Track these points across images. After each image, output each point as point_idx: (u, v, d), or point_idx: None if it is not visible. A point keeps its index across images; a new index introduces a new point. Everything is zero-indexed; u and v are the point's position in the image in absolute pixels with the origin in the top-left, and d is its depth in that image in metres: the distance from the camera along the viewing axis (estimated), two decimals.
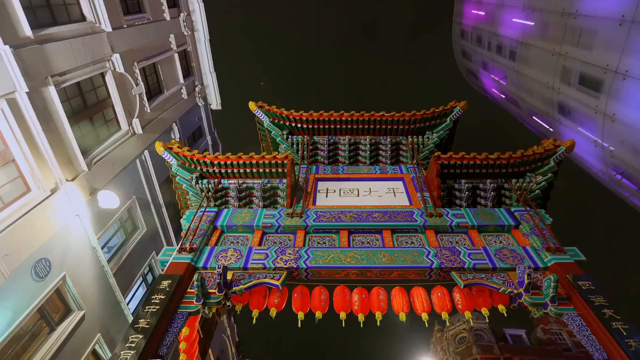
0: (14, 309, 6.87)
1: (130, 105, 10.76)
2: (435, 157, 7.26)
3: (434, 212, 6.92)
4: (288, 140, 9.04)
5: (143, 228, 11.26)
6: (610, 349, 4.66)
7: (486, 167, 7.36)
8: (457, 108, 8.90)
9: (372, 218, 6.81)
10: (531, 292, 5.45)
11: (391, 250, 6.14)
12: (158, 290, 5.35)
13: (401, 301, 5.88)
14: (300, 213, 6.93)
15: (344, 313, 5.75)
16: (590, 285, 5.39)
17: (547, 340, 20.68)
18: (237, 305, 5.82)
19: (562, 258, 5.93)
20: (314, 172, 8.47)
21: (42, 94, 7.59)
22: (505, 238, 6.72)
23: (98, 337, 9.13)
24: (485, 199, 7.39)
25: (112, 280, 9.59)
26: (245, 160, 7.23)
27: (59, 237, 7.95)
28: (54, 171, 7.77)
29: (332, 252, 6.11)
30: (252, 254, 6.14)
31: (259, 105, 9.05)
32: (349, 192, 7.80)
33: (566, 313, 5.25)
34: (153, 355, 4.76)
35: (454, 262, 5.90)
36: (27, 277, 7.17)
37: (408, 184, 7.98)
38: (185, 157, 7.36)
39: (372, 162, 8.92)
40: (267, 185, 7.38)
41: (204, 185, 7.44)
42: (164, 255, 6.36)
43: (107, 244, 9.95)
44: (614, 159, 14.34)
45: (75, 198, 8.24)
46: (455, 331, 22.33)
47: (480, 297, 6.06)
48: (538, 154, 7.32)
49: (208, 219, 6.91)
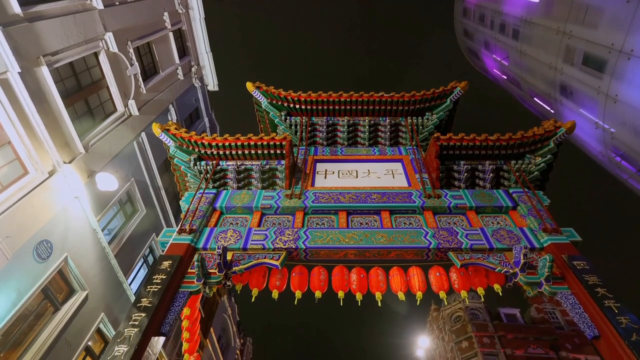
0: (18, 290, 6.97)
1: (126, 86, 10.62)
2: (435, 138, 7.23)
3: (433, 194, 6.94)
4: (286, 121, 8.97)
5: (142, 210, 11.30)
6: (602, 326, 4.77)
7: (485, 148, 7.34)
8: (457, 88, 8.79)
9: (370, 199, 6.83)
10: (526, 271, 5.53)
11: (389, 231, 6.19)
12: (159, 270, 5.42)
13: (399, 281, 5.97)
14: (299, 194, 6.94)
15: (342, 292, 5.84)
16: (584, 265, 5.47)
17: (541, 319, 21.17)
18: (237, 285, 5.91)
19: (558, 238, 6.00)
20: (313, 154, 8.44)
21: (35, 75, 7.47)
22: (503, 219, 6.77)
23: (102, 317, 9.31)
24: (484, 181, 7.41)
25: (113, 262, 9.70)
26: (243, 142, 7.20)
27: (59, 219, 7.99)
28: (51, 153, 7.73)
29: (330, 232, 6.16)
30: (252, 234, 6.19)
31: (257, 86, 8.93)
32: (347, 174, 7.80)
33: (560, 292, 5.35)
34: (156, 332, 4.87)
35: (451, 242, 5.97)
36: (29, 259, 7.25)
37: (407, 165, 7.97)
38: (183, 138, 7.32)
39: (371, 143, 8.88)
40: (265, 167, 7.37)
41: (202, 167, 7.42)
42: (164, 237, 6.41)
43: (107, 226, 10.01)
44: (614, 140, 14.29)
45: (74, 180, 8.23)
46: (451, 310, 22.81)
47: (477, 277, 6.15)
48: (538, 135, 7.29)
49: (207, 201, 6.93)
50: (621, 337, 4.52)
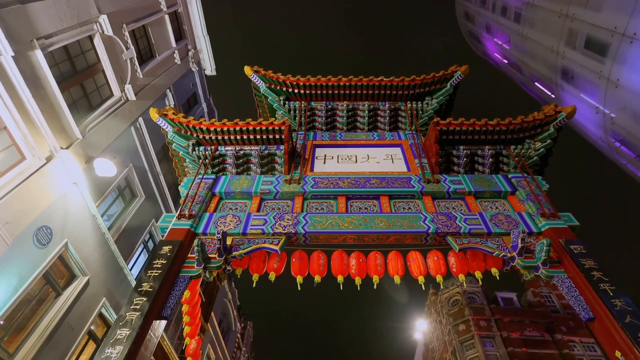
0: (19, 275, 7.02)
1: (122, 71, 10.47)
2: (434, 123, 7.19)
3: (432, 179, 6.94)
4: (285, 106, 8.89)
5: (141, 196, 11.30)
6: (597, 309, 4.84)
7: (485, 133, 7.31)
8: (457, 72, 8.70)
9: (369, 184, 6.83)
10: (524, 256, 5.58)
11: (388, 216, 6.21)
12: (159, 255, 5.45)
13: (397, 265, 6.02)
14: (298, 179, 6.94)
15: (341, 276, 5.89)
16: (581, 249, 5.52)
17: (537, 303, 21.52)
18: (237, 270, 5.95)
19: (555, 223, 6.03)
20: (312, 139, 8.39)
21: (29, 59, 7.34)
22: (501, 204, 6.79)
23: (104, 301, 9.41)
24: (483, 166, 7.40)
25: (113, 247, 9.75)
26: (242, 127, 7.14)
27: (58, 205, 7.98)
28: (48, 139, 7.67)
29: (330, 217, 6.17)
30: (251, 219, 6.20)
31: (255, 70, 8.82)
32: (346, 159, 7.78)
33: (556, 275, 5.41)
34: (157, 316, 4.93)
35: (450, 227, 6.00)
36: (29, 244, 7.27)
37: (406, 150, 7.94)
38: (181, 123, 7.26)
39: (370, 128, 8.82)
40: (264, 152, 7.34)
41: (201, 152, 7.39)
42: (163, 222, 6.42)
43: (107, 212, 10.02)
44: (614, 125, 14.24)
45: (71, 166, 8.19)
46: (449, 294, 23.14)
47: (475, 261, 6.20)
48: (538, 120, 7.25)
49: (206, 186, 6.92)
50: (615, 319, 4.59)
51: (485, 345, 19.15)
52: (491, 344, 19.22)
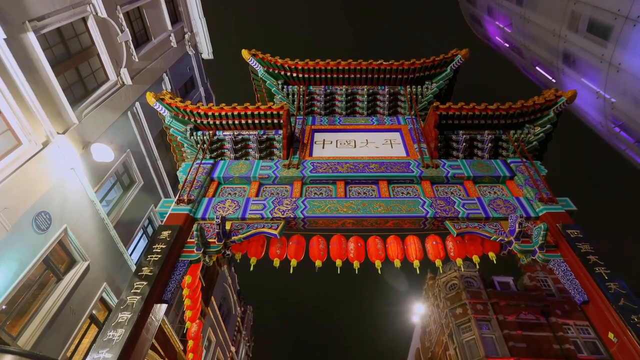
0: (19, 260, 7.05)
1: (117, 54, 10.29)
2: (434, 107, 7.13)
3: (431, 163, 6.93)
4: (283, 90, 8.79)
5: (140, 182, 11.27)
6: (591, 291, 4.91)
7: (485, 117, 7.26)
8: (458, 56, 8.59)
9: (368, 169, 6.82)
10: (521, 240, 5.62)
11: (387, 201, 6.22)
12: (158, 240, 5.47)
13: (396, 249, 6.06)
14: (296, 164, 6.91)
15: (340, 261, 5.94)
16: (578, 234, 5.56)
17: (533, 287, 21.82)
18: (236, 254, 5.99)
19: (553, 208, 6.06)
20: (310, 123, 8.34)
21: (22, 41, 7.20)
22: (500, 189, 6.80)
23: (104, 286, 9.49)
24: (482, 150, 7.38)
25: (113, 233, 9.77)
26: (240, 111, 7.08)
27: (56, 190, 7.96)
28: (44, 124, 7.59)
29: (328, 202, 6.18)
30: (250, 204, 6.20)
31: (253, 54, 8.68)
32: (345, 144, 7.74)
33: (553, 259, 5.47)
34: (158, 300, 4.98)
35: (448, 211, 6.02)
36: (29, 230, 7.28)
37: (405, 135, 7.90)
38: (178, 108, 7.18)
39: (369, 112, 8.75)
40: (262, 137, 7.29)
41: (199, 137, 7.33)
42: (162, 207, 6.42)
43: (105, 198, 10.01)
44: (614, 110, 14.17)
45: (69, 151, 8.13)
46: (447, 279, 23.42)
47: (472, 246, 6.26)
48: (538, 105, 7.20)
49: (204, 171, 6.90)
50: (609, 301, 4.66)
51: (482, 328, 19.51)
52: (487, 327, 19.59)
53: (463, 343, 19.63)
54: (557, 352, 18.18)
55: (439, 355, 23.15)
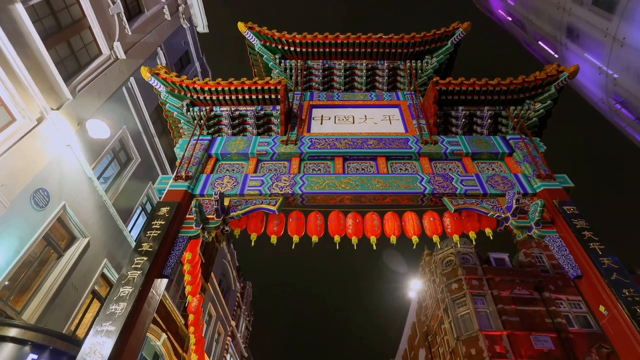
0: (19, 237, 7.09)
1: (109, 27, 10.01)
2: (434, 82, 7.02)
3: (429, 140, 6.88)
4: (281, 65, 8.61)
5: (137, 159, 11.21)
6: (585, 266, 4.98)
7: (485, 93, 7.16)
8: (459, 30, 8.38)
9: (367, 145, 6.77)
10: (518, 216, 5.64)
11: (385, 177, 6.21)
12: (157, 216, 5.47)
13: (393, 225, 6.10)
14: (294, 140, 6.86)
15: (338, 236, 5.99)
16: (574, 210, 5.59)
17: (528, 263, 22.19)
18: (235, 230, 6.01)
19: (550, 184, 6.06)
20: (308, 99, 8.21)
21: (10, 13, 6.98)
22: (498, 165, 6.79)
23: (105, 262, 9.61)
24: (482, 127, 7.32)
25: (112, 210, 9.80)
26: (236, 87, 6.95)
27: (53, 167, 7.92)
28: (37, 99, 7.46)
29: (327, 178, 6.16)
30: (248, 180, 6.18)
31: (249, 27, 8.45)
32: (344, 119, 7.66)
33: (548, 235, 5.50)
34: (158, 275, 5.03)
35: (446, 188, 6.02)
36: (27, 207, 7.29)
37: (404, 111, 7.81)
38: (174, 83, 7.05)
39: (368, 88, 8.62)
40: (260, 112, 7.19)
41: (196, 112, 7.23)
42: (160, 184, 6.38)
43: (103, 175, 9.98)
44: (616, 87, 13.99)
45: (64, 128, 8.04)
46: (443, 255, 23.78)
47: (469, 222, 6.30)
48: (540, 80, 7.10)
49: (202, 147, 6.84)
50: (602, 276, 4.74)
51: (476, 303, 19.98)
52: (482, 302, 20.05)
53: (458, 317, 20.14)
54: (549, 325, 18.71)
55: (434, 329, 23.82)
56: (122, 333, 4.11)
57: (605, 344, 17.25)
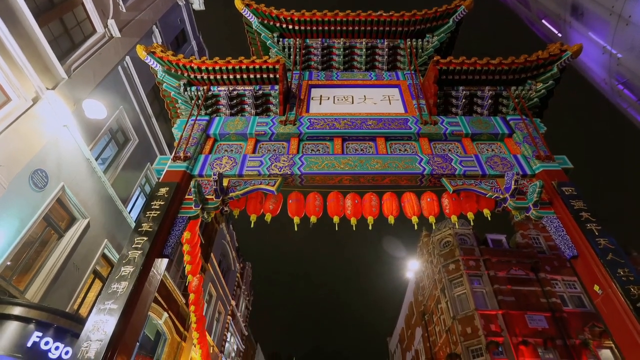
0: (20, 218, 7.12)
1: (103, 4, 9.76)
2: (434, 62, 6.90)
3: (429, 120, 6.82)
4: (279, 44, 8.45)
5: (135, 139, 11.14)
6: (581, 247, 5.02)
7: (486, 73, 7.06)
8: (461, 7, 8.19)
9: (366, 125, 6.72)
10: (516, 197, 5.65)
11: (384, 157, 6.18)
12: (156, 197, 5.47)
13: (391, 206, 6.12)
14: (293, 120, 6.80)
15: (337, 217, 6.01)
16: (572, 191, 5.60)
17: (525, 244, 22.42)
18: (234, 211, 6.03)
19: (550, 165, 6.05)
20: (307, 79, 8.09)
21: None
22: (498, 146, 6.76)
23: (105, 243, 9.69)
24: (482, 107, 7.24)
25: (111, 191, 9.81)
26: (234, 66, 6.84)
27: (51, 148, 7.88)
28: (32, 79, 7.35)
29: (325, 158, 6.14)
30: (247, 161, 6.16)
31: (246, 4, 8.25)
32: (343, 99, 7.57)
33: (546, 216, 5.52)
34: (159, 254, 5.07)
35: (445, 168, 6.01)
36: (26, 188, 7.29)
37: (404, 91, 7.72)
38: (171, 62, 6.93)
39: (367, 67, 8.48)
40: (258, 92, 7.09)
41: (193, 92, 7.13)
42: (158, 164, 6.35)
43: (101, 156, 9.94)
44: (620, 67, 13.79)
45: (60, 108, 7.95)
46: (441, 236, 24.00)
47: (467, 203, 6.32)
48: (542, 60, 6.99)
49: (200, 128, 6.78)
50: (598, 256, 4.79)
51: (473, 283, 20.30)
52: (478, 282, 20.38)
53: (454, 297, 20.52)
54: (544, 305, 19.08)
55: (430, 308, 24.30)
56: (124, 311, 4.18)
57: (598, 323, 17.64)
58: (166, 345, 13.40)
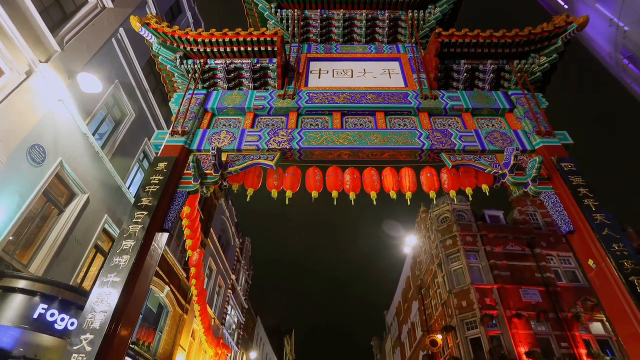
0: (19, 193, 7.14)
1: None
2: (436, 34, 6.72)
3: (429, 94, 6.72)
4: (277, 15, 8.20)
5: (131, 114, 11.01)
6: (577, 222, 5.06)
7: (489, 46, 6.89)
8: None
9: (365, 100, 6.62)
10: (515, 172, 5.65)
11: (383, 132, 6.13)
12: (155, 171, 5.45)
13: (391, 181, 6.11)
14: (292, 94, 6.69)
15: (336, 192, 6.01)
16: (571, 167, 5.59)
17: (522, 220, 22.63)
18: (233, 185, 6.02)
19: (550, 141, 6.01)
20: (306, 52, 7.91)
21: None
22: (498, 121, 6.69)
23: (106, 218, 9.76)
24: (483, 82, 7.12)
25: (109, 166, 9.78)
26: (231, 38, 6.66)
27: (47, 123, 7.80)
28: (24, 51, 7.18)
29: (324, 133, 6.08)
30: (245, 135, 6.10)
31: None
32: (342, 73, 7.42)
33: (544, 192, 5.53)
34: (159, 229, 5.10)
35: (444, 144, 5.97)
36: (24, 163, 7.27)
37: (405, 64, 7.56)
38: (166, 34, 6.74)
39: (367, 40, 8.27)
40: (256, 66, 6.95)
41: (190, 65, 6.98)
42: (156, 139, 6.29)
43: (98, 131, 9.85)
44: (625, 40, 13.49)
45: (54, 81, 7.81)
46: (439, 212, 24.18)
47: (466, 178, 6.31)
48: (547, 32, 6.81)
49: (197, 102, 6.68)
50: (593, 231, 4.82)
51: (469, 258, 20.64)
52: (475, 257, 20.71)
53: (451, 271, 20.91)
54: (539, 280, 19.48)
55: (427, 282, 24.82)
56: (126, 284, 4.24)
57: (591, 297, 18.07)
58: (168, 317, 13.77)
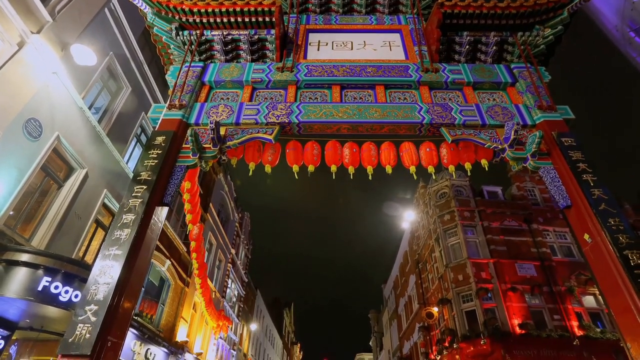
0: (18, 168, 7.12)
1: None
2: (439, 4, 6.53)
3: (430, 68, 6.60)
4: None
5: (127, 87, 10.83)
6: (575, 197, 5.09)
7: (492, 17, 6.70)
8: None
9: (365, 73, 6.50)
10: (515, 147, 5.63)
11: (383, 106, 6.06)
12: (154, 145, 5.42)
13: (389, 155, 6.08)
14: (290, 67, 6.56)
15: (334, 166, 6.00)
16: (572, 142, 5.57)
17: (520, 196, 22.78)
18: (232, 159, 6.00)
19: (551, 116, 5.96)
20: (305, 23, 7.69)
21: None
22: (499, 96, 6.60)
23: (105, 192, 9.79)
24: (486, 54, 6.98)
25: (106, 140, 9.72)
26: (228, 7, 6.45)
27: (42, 97, 7.68)
28: (14, 21, 6.97)
29: (324, 107, 6.01)
30: (244, 109, 6.03)
31: None
32: (342, 45, 7.25)
33: (543, 167, 5.53)
34: (159, 203, 5.12)
35: (445, 118, 5.92)
36: (21, 137, 7.21)
37: (406, 36, 7.38)
38: (160, 3, 6.53)
39: (368, 11, 8.03)
40: (254, 37, 6.77)
41: (186, 37, 6.80)
42: (153, 113, 6.21)
43: (94, 105, 9.72)
44: (633, 12, 13.12)
45: (47, 53, 7.63)
46: (438, 187, 24.26)
47: (466, 153, 6.29)
48: (552, 3, 6.61)
49: (195, 75, 6.56)
50: (590, 206, 4.86)
51: (467, 233, 20.90)
52: (472, 232, 20.97)
53: (448, 246, 21.23)
54: (534, 254, 19.81)
55: (425, 257, 25.25)
56: (128, 256, 4.30)
57: (584, 272, 18.45)
58: (170, 290, 14.08)
